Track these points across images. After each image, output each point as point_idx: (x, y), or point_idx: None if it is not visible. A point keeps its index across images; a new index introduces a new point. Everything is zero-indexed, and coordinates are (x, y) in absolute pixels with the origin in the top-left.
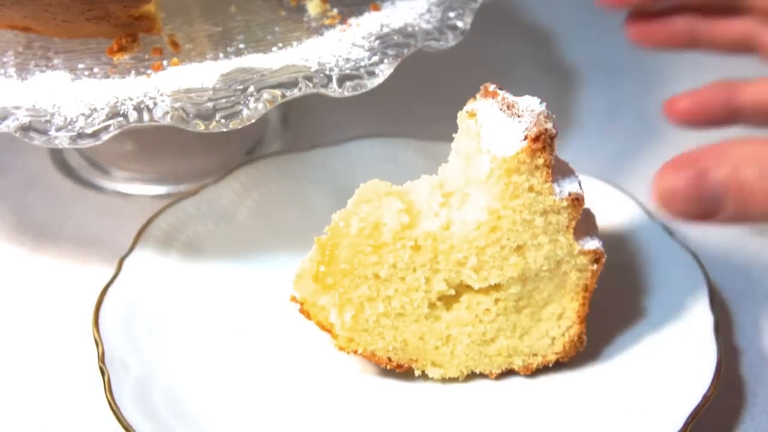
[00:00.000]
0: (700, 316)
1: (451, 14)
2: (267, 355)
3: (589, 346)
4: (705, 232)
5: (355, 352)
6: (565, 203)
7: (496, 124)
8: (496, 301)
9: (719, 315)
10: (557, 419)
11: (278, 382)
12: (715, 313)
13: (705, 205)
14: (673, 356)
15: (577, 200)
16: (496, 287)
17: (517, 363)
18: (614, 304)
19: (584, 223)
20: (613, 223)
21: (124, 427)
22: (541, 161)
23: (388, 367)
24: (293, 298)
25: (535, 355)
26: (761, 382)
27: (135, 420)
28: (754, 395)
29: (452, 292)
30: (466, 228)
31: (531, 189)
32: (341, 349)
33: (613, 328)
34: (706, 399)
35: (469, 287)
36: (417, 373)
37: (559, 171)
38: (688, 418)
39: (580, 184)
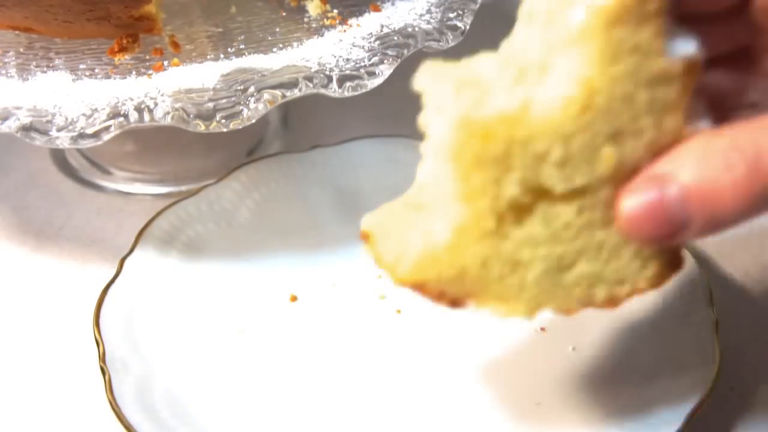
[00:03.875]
0: (700, 316)
1: (451, 15)
2: (267, 355)
3: (590, 345)
4: None
5: (402, 282)
6: (679, 68)
7: None
8: (580, 211)
9: (719, 315)
10: (558, 421)
11: (278, 383)
12: (715, 313)
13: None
14: (673, 356)
15: (696, 66)
16: (582, 192)
17: (600, 295)
18: None
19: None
20: None
21: (125, 427)
22: (652, 6)
23: (442, 302)
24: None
25: (623, 282)
26: (761, 382)
27: (135, 420)
28: (753, 395)
29: (526, 199)
30: (550, 108)
31: (637, 49)
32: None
33: (612, 327)
34: (705, 399)
35: (546, 194)
36: (474, 309)
37: (672, 24)
38: (687, 418)
39: (699, 43)
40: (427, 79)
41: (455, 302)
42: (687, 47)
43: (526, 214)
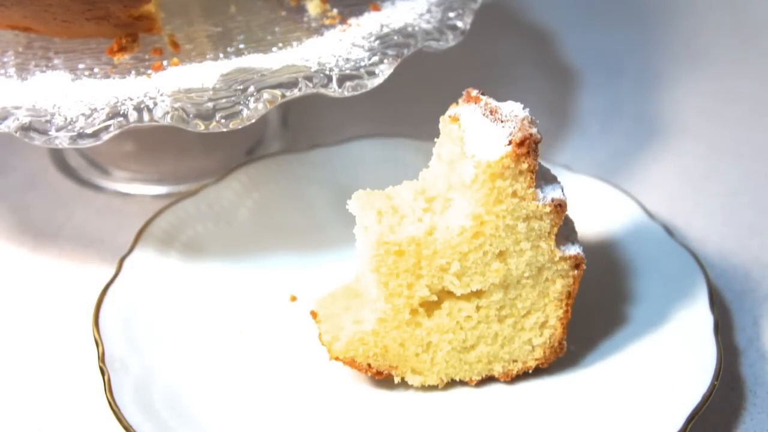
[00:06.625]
0: (700, 316)
1: (451, 14)
2: (267, 355)
3: (590, 345)
4: (705, 232)
5: (336, 358)
6: (548, 209)
7: (479, 129)
8: (478, 308)
9: (719, 315)
10: (559, 421)
11: (277, 382)
12: (715, 313)
13: None
14: (673, 356)
15: (559, 206)
16: (478, 294)
17: (497, 369)
18: (614, 304)
19: (564, 229)
20: (613, 223)
21: (124, 427)
22: (525, 166)
23: (368, 374)
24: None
25: (515, 361)
26: (761, 382)
27: (135, 420)
28: (754, 395)
29: (434, 298)
30: (450, 233)
31: (515, 194)
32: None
33: (614, 327)
34: (706, 399)
35: (451, 294)
36: (396, 380)
37: (542, 177)
38: (688, 418)
39: (562, 190)
40: (357, 205)
41: (380, 373)
42: (554, 193)
43: (435, 308)
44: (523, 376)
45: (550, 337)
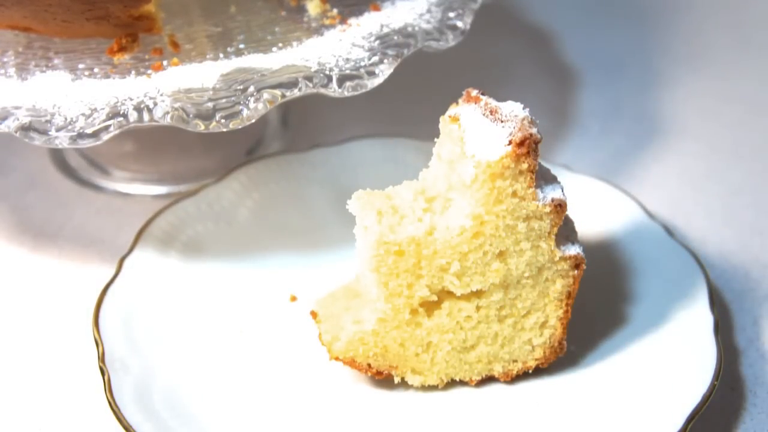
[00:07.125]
0: (700, 316)
1: (451, 14)
2: (267, 355)
3: (590, 345)
4: (705, 232)
5: (336, 358)
6: (548, 209)
7: (479, 129)
8: (478, 308)
9: (719, 315)
10: (559, 421)
11: (277, 382)
12: (715, 313)
13: None
14: (673, 356)
15: (559, 206)
16: (478, 294)
17: (497, 369)
18: (614, 304)
19: (564, 229)
20: (613, 223)
21: (124, 427)
22: (525, 166)
23: (368, 374)
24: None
25: (515, 361)
26: (761, 382)
27: (135, 420)
28: (754, 395)
29: (434, 298)
30: (450, 233)
31: (515, 194)
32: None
33: (614, 327)
34: (706, 399)
35: (451, 294)
36: (396, 380)
37: (542, 177)
38: (688, 418)
39: (562, 190)
40: (357, 205)
41: (380, 373)
42: (554, 193)
43: (435, 308)
44: (523, 376)
45: (550, 337)
